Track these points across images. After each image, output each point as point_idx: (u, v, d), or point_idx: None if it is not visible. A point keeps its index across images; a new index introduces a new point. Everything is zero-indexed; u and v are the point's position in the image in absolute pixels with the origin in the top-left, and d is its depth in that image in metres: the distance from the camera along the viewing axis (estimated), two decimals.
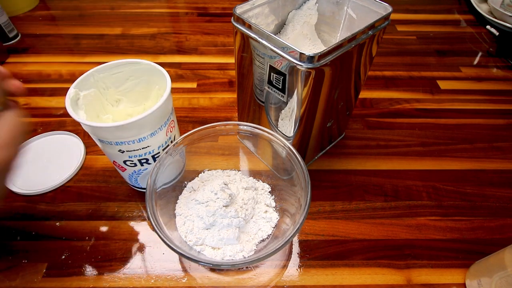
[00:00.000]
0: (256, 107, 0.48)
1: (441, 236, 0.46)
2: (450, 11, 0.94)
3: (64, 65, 0.72)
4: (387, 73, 0.72)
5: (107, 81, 0.44)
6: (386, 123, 0.62)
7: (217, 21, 0.88)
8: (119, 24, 0.86)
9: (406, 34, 0.84)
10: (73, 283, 0.41)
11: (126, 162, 0.42)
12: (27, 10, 0.90)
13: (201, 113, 0.63)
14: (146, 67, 0.44)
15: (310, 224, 0.47)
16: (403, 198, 0.50)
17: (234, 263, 0.34)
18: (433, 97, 0.67)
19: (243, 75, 0.46)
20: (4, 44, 0.78)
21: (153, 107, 0.37)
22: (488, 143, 0.59)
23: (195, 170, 0.48)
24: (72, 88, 0.40)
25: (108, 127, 0.36)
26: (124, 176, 0.46)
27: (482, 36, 0.84)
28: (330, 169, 0.54)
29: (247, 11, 0.42)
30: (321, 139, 0.52)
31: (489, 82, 0.71)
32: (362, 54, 0.41)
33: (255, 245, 0.41)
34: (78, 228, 0.46)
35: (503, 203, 0.50)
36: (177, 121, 0.46)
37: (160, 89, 0.45)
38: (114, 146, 0.39)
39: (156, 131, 0.40)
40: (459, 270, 0.43)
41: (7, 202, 0.49)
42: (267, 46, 0.37)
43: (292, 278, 0.42)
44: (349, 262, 0.43)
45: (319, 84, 0.38)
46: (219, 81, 0.70)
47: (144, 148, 0.40)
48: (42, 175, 0.52)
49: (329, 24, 0.48)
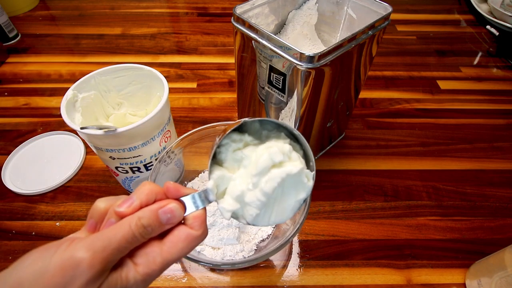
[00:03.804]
0: (256, 107, 0.48)
1: (441, 236, 0.46)
2: (450, 11, 0.94)
3: (64, 65, 0.72)
4: (387, 73, 0.72)
5: (109, 84, 0.44)
6: (386, 123, 0.62)
7: (217, 21, 0.88)
8: (119, 24, 0.86)
9: (406, 34, 0.84)
10: None
11: (118, 168, 0.41)
12: (27, 10, 0.90)
13: (201, 113, 0.63)
14: (147, 73, 0.44)
15: (310, 224, 0.47)
16: (403, 198, 0.50)
17: (234, 263, 0.34)
18: (433, 97, 0.67)
19: (243, 75, 0.46)
20: (4, 44, 0.78)
21: (144, 119, 0.36)
22: (488, 143, 0.59)
23: (195, 170, 0.48)
24: (70, 90, 0.39)
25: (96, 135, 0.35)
26: (118, 180, 0.47)
27: (482, 36, 0.84)
28: (330, 169, 0.54)
29: (247, 11, 0.42)
30: (321, 139, 0.52)
31: (489, 82, 0.71)
32: (362, 54, 0.41)
33: (255, 245, 0.41)
34: (78, 228, 0.46)
35: (503, 203, 0.50)
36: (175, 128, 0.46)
37: (160, 96, 0.45)
38: (105, 152, 0.39)
39: (148, 141, 0.39)
40: (459, 270, 0.43)
41: (7, 202, 0.49)
42: (267, 46, 0.37)
43: (292, 278, 0.42)
44: (349, 262, 0.43)
45: (319, 84, 0.38)
46: (219, 81, 0.70)
47: (135, 157, 0.40)
48: (42, 175, 0.52)
49: (329, 24, 0.48)
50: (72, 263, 0.19)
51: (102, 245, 0.19)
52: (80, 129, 0.35)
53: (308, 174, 0.26)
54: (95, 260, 0.19)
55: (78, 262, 0.19)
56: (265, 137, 0.27)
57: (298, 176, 0.25)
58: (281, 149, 0.25)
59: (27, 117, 0.61)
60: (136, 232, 0.20)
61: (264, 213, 0.25)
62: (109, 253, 0.19)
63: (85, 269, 0.19)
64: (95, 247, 0.19)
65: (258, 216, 0.25)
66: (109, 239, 0.20)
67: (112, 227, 0.21)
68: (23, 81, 0.69)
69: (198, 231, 0.23)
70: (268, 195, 0.24)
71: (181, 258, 0.24)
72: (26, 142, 0.56)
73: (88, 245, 0.19)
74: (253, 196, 0.24)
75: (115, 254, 0.20)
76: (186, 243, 0.22)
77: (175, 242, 0.22)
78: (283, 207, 0.26)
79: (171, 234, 0.22)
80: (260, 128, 0.28)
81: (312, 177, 0.26)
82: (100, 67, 0.43)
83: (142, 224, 0.21)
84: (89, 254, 0.19)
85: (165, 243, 0.22)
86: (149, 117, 0.36)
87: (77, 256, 0.19)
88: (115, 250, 0.20)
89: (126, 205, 0.22)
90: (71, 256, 0.19)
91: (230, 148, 0.26)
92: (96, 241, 0.19)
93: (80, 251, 0.19)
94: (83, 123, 0.40)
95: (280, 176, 0.24)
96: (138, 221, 0.21)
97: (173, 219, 0.22)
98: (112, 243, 0.20)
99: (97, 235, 0.20)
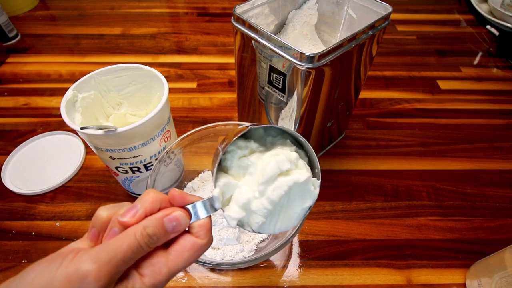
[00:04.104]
0: (256, 107, 0.48)
1: (441, 236, 0.46)
2: (450, 11, 0.94)
3: (64, 65, 0.72)
4: (387, 73, 0.72)
5: (108, 84, 0.44)
6: (386, 123, 0.62)
7: (217, 21, 0.88)
8: (119, 24, 0.86)
9: (406, 34, 0.84)
10: None
11: (118, 168, 0.41)
12: (27, 10, 0.90)
13: (201, 113, 0.63)
14: (147, 73, 0.44)
15: (310, 224, 0.47)
16: (403, 198, 0.50)
17: (234, 263, 0.34)
18: (433, 97, 0.67)
19: (243, 75, 0.46)
20: (4, 44, 0.78)
21: (144, 119, 0.36)
22: (488, 143, 0.59)
23: (195, 170, 0.48)
24: (70, 90, 0.39)
25: (96, 135, 0.35)
26: (118, 180, 0.47)
27: (482, 36, 0.84)
28: (330, 169, 0.54)
29: (247, 11, 0.42)
30: (321, 139, 0.52)
31: (489, 82, 0.71)
32: (362, 54, 0.41)
33: (255, 245, 0.41)
34: (78, 228, 0.46)
35: (503, 203, 0.50)
36: (174, 128, 0.46)
37: (160, 96, 0.45)
38: (105, 152, 0.39)
39: (148, 141, 0.39)
40: (459, 270, 0.43)
41: (7, 202, 0.49)
42: (267, 46, 0.37)
43: (292, 278, 0.42)
44: (349, 262, 0.43)
45: (319, 84, 0.38)
46: (219, 81, 0.70)
47: (135, 157, 0.40)
48: (42, 175, 0.52)
49: (329, 24, 0.48)
50: (78, 276, 0.18)
51: (107, 257, 0.19)
52: (80, 129, 0.35)
53: (315, 182, 0.26)
54: (101, 273, 0.19)
55: (85, 275, 0.18)
56: (270, 144, 0.27)
57: (305, 184, 0.25)
58: (288, 157, 0.24)
59: (27, 117, 0.61)
60: (141, 242, 0.20)
61: (270, 221, 0.25)
62: (115, 264, 0.19)
63: (92, 282, 0.18)
64: (100, 259, 0.19)
65: (264, 224, 0.25)
66: (115, 250, 0.19)
67: (117, 238, 0.20)
68: (23, 81, 0.69)
69: (203, 240, 0.22)
70: (275, 203, 0.24)
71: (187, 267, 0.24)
72: (26, 142, 0.56)
73: (93, 257, 0.19)
74: (259, 204, 0.24)
75: (121, 266, 0.20)
76: (191, 252, 0.22)
77: (181, 251, 0.22)
78: (289, 214, 0.26)
79: (176, 243, 0.22)
80: (264, 134, 0.27)
81: (318, 185, 0.26)
82: (100, 67, 0.43)
83: (148, 234, 0.20)
84: (95, 266, 0.18)
85: (170, 252, 0.22)
86: (149, 117, 0.36)
87: (83, 269, 0.18)
88: (121, 261, 0.19)
89: (130, 215, 0.21)
90: (76, 269, 0.19)
91: (236, 155, 0.26)
92: (101, 253, 0.19)
93: (86, 263, 0.19)
94: (83, 123, 0.40)
95: (287, 184, 0.24)
96: (143, 231, 0.20)
97: (178, 227, 0.22)
98: (117, 254, 0.19)
99: (102, 246, 0.20)
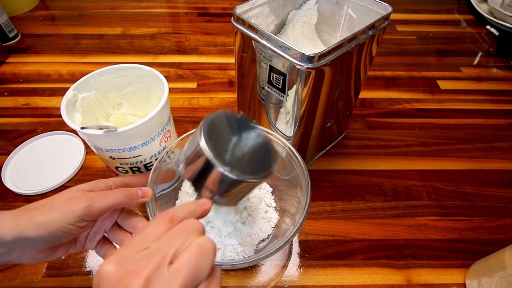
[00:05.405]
0: (256, 107, 0.48)
1: (441, 236, 0.46)
2: (450, 11, 0.94)
3: (64, 65, 0.72)
4: (387, 73, 0.72)
5: (108, 84, 0.44)
6: (386, 123, 0.62)
7: (217, 21, 0.88)
8: (119, 24, 0.86)
9: (406, 34, 0.84)
10: (73, 283, 0.41)
11: (118, 168, 0.41)
12: (27, 10, 0.90)
13: (201, 113, 0.63)
14: (147, 73, 0.43)
15: (310, 224, 0.47)
16: (403, 198, 0.50)
17: (234, 263, 0.34)
18: (433, 97, 0.67)
19: (243, 75, 0.46)
20: (4, 44, 0.78)
21: (144, 119, 0.36)
22: (488, 143, 0.59)
23: None
24: (70, 90, 0.39)
25: (96, 135, 0.35)
26: None
27: (482, 36, 0.84)
28: (330, 169, 0.54)
29: (247, 11, 0.42)
30: (321, 139, 0.52)
31: (489, 82, 0.71)
32: (362, 54, 0.41)
33: (255, 245, 0.41)
34: None
35: (503, 203, 0.50)
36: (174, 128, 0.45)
37: (160, 96, 0.45)
38: (105, 152, 0.38)
39: (148, 141, 0.39)
40: (459, 270, 0.43)
41: (7, 202, 0.49)
42: (267, 46, 0.37)
43: (292, 278, 0.42)
44: (349, 262, 0.43)
45: (319, 84, 0.38)
46: (219, 81, 0.70)
47: (135, 157, 0.40)
48: (42, 175, 0.52)
49: (329, 24, 0.48)
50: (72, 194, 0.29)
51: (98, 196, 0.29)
52: (80, 129, 0.35)
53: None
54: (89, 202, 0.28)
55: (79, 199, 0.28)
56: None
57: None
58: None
59: (27, 117, 0.61)
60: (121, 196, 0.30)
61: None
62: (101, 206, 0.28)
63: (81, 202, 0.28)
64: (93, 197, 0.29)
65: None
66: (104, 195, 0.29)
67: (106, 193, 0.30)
68: (23, 81, 0.69)
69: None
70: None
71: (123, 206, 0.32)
72: (26, 142, 0.56)
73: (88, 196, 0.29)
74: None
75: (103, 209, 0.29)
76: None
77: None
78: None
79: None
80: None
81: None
82: (100, 67, 0.42)
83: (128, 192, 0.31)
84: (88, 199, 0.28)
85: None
86: (149, 117, 0.36)
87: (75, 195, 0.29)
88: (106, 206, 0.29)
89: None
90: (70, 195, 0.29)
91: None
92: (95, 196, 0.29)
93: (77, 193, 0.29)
94: (83, 123, 0.40)
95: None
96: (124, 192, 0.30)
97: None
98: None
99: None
